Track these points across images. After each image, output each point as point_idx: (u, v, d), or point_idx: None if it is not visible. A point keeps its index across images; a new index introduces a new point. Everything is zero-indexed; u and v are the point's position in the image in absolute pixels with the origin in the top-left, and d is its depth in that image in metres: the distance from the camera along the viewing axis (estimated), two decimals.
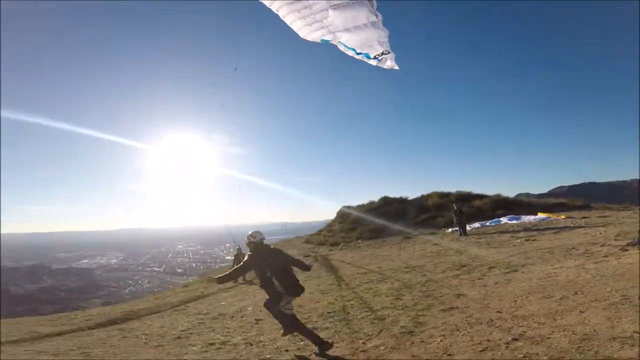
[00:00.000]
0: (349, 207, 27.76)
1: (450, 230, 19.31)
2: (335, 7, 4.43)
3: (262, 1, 4.88)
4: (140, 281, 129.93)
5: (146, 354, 5.95)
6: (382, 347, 4.84)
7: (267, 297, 5.03)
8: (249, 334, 6.51)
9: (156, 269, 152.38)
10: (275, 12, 4.95)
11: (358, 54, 4.86)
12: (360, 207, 26.97)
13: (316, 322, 6.55)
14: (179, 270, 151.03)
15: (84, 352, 5.68)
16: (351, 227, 23.90)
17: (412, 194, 29.51)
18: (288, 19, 4.98)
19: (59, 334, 7.08)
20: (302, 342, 5.37)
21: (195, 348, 5.99)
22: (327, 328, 6.10)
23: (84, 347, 6.08)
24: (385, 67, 4.97)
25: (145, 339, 6.85)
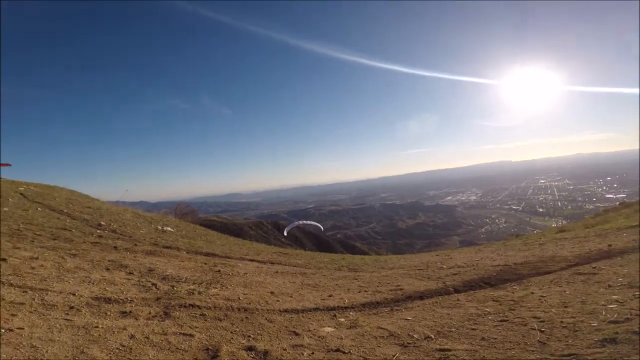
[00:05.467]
0: None
1: None
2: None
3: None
4: (497, 220, 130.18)
5: None
6: None
7: None
8: None
9: (514, 207, 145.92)
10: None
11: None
12: None
13: None
14: (540, 210, 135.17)
15: (443, 349, 3.36)
16: None
17: None
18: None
19: (421, 296, 5.26)
20: None
21: None
22: None
23: (444, 332, 3.73)
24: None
25: (541, 330, 3.58)
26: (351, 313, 4.48)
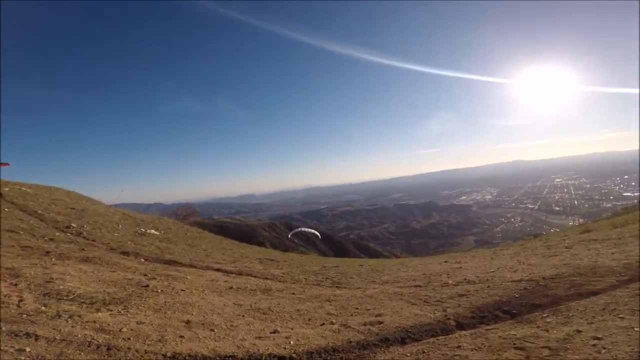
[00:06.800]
0: None
1: None
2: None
3: None
4: (512, 219, 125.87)
5: None
6: None
7: None
8: None
9: (530, 206, 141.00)
10: None
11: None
12: None
13: None
14: (557, 208, 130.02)
15: None
16: None
17: None
18: None
19: (404, 338, 3.50)
20: None
21: None
22: None
23: None
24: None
25: None
26: None
